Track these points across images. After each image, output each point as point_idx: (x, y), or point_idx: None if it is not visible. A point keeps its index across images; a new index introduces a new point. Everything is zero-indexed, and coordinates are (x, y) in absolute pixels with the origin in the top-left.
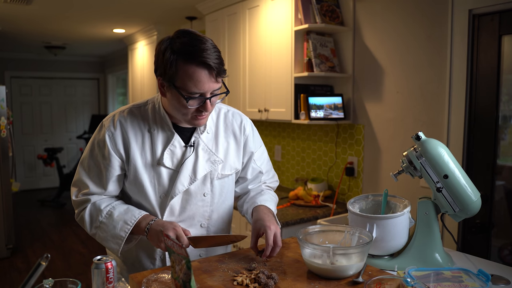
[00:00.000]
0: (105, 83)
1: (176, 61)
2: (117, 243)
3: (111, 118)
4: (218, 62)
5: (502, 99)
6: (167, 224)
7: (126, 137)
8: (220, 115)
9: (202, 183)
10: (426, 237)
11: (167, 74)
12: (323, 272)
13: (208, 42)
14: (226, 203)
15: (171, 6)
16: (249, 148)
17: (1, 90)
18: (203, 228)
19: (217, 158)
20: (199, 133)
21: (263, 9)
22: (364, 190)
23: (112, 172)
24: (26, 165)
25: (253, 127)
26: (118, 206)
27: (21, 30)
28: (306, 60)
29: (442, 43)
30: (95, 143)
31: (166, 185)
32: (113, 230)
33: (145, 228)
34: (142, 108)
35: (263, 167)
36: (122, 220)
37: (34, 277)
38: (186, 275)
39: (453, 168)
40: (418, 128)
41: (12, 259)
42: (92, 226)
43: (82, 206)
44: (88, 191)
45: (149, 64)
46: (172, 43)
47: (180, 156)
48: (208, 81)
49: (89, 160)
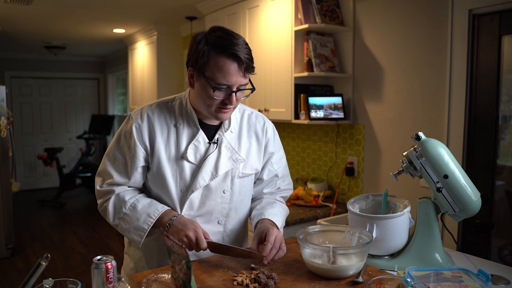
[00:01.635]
0: (105, 83)
1: (208, 52)
2: (140, 235)
3: (139, 111)
4: (248, 58)
5: (502, 99)
6: (189, 223)
7: (152, 130)
8: (244, 116)
9: (222, 180)
10: (426, 237)
11: (198, 64)
12: (323, 272)
13: (240, 38)
14: (244, 202)
15: (171, 6)
16: (269, 150)
17: (1, 90)
18: (220, 225)
19: (239, 157)
20: (223, 131)
21: (263, 9)
22: (364, 190)
23: (137, 163)
24: (26, 165)
25: (274, 130)
26: (142, 199)
27: (21, 30)
28: (306, 60)
29: (442, 43)
30: (121, 134)
31: (188, 179)
32: (136, 222)
33: (167, 223)
34: (170, 103)
35: (280, 171)
36: (146, 213)
37: (34, 277)
38: (186, 275)
39: (453, 168)
40: (418, 128)
41: (12, 259)
42: (115, 217)
43: (106, 197)
44: (112, 181)
45: (149, 64)
46: (207, 36)
47: (204, 152)
48: (236, 74)
49: (114, 151)
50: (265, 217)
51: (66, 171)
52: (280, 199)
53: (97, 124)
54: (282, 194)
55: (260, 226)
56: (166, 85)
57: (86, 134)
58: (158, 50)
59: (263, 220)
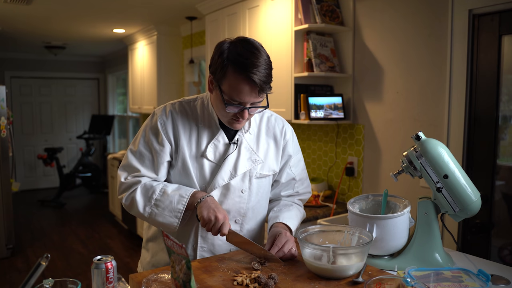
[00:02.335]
0: (105, 83)
1: (227, 67)
2: (176, 216)
3: (162, 108)
4: (265, 80)
5: (502, 99)
6: (220, 208)
7: (176, 127)
8: (263, 118)
9: (241, 180)
10: (426, 237)
11: (216, 75)
12: (323, 272)
13: (262, 58)
14: (261, 203)
15: (171, 6)
16: (287, 152)
17: (1, 90)
18: (238, 224)
19: (257, 158)
20: (243, 132)
21: (263, 9)
22: (364, 190)
23: (164, 158)
24: (26, 165)
25: (293, 133)
26: (170, 184)
27: (21, 30)
28: (306, 60)
29: (442, 43)
30: (147, 129)
31: (208, 178)
32: (170, 205)
33: (200, 198)
34: (192, 103)
35: (297, 174)
36: (178, 194)
37: (34, 277)
38: (186, 275)
39: (453, 168)
40: (418, 128)
41: (12, 259)
42: (146, 205)
43: (132, 188)
44: (140, 174)
45: (149, 64)
46: (229, 49)
47: (223, 151)
48: (249, 95)
49: (139, 146)
50: (279, 220)
51: (66, 171)
52: (298, 202)
53: (97, 124)
54: (300, 197)
55: (274, 229)
56: (166, 85)
57: (86, 134)
58: (158, 50)
59: (277, 224)
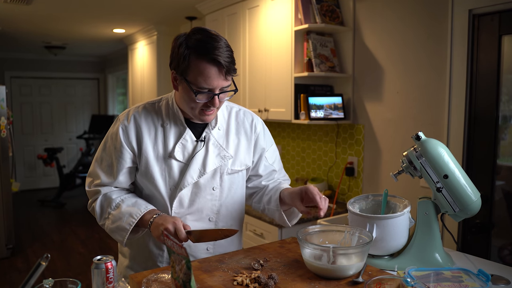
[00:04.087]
0: (105, 83)
1: (189, 56)
2: (122, 235)
3: (126, 113)
4: (229, 61)
5: (502, 99)
6: (168, 218)
7: (139, 131)
8: (232, 113)
9: (211, 177)
10: (426, 237)
11: (180, 68)
12: (323, 272)
13: (221, 41)
14: (235, 199)
15: (171, 6)
16: (260, 146)
17: (1, 90)
18: (212, 222)
19: (227, 154)
20: (210, 129)
21: (263, 9)
22: (364, 190)
23: (123, 164)
24: (26, 165)
25: (264, 126)
26: (128, 199)
27: (21, 30)
28: (306, 60)
29: (442, 43)
30: (109, 136)
31: (177, 178)
32: (119, 222)
33: (149, 221)
34: (156, 104)
35: (276, 165)
36: (129, 213)
37: (34, 277)
38: (186, 275)
39: (453, 168)
40: (418, 128)
41: (12, 259)
42: (101, 217)
43: (94, 197)
44: (100, 182)
45: (149, 64)
46: (187, 39)
47: (191, 150)
48: (217, 78)
49: (102, 152)
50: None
51: (66, 171)
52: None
53: (97, 124)
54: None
55: (291, 191)
56: (166, 85)
57: (86, 134)
58: (158, 50)
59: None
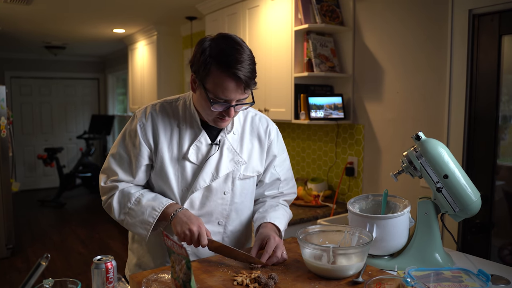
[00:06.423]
0: (105, 83)
1: (210, 65)
2: (146, 229)
3: (143, 110)
4: (249, 76)
5: (502, 99)
6: (193, 218)
7: (156, 130)
8: (248, 118)
9: (223, 182)
10: (426, 237)
11: (199, 74)
12: (323, 272)
13: (245, 53)
14: (245, 204)
15: (171, 6)
16: (272, 152)
17: (1, 90)
18: (221, 226)
19: (240, 159)
20: (226, 133)
21: (263, 9)
22: (364, 190)
23: (141, 161)
24: (26, 165)
25: (278, 133)
26: (146, 193)
27: (21, 30)
28: (306, 60)
29: (442, 43)
30: (126, 133)
31: (189, 179)
32: (142, 216)
33: (171, 214)
34: (173, 104)
35: (282, 174)
36: (151, 206)
37: (34, 277)
38: (186, 275)
39: (453, 168)
40: (418, 128)
41: (12, 259)
42: (120, 212)
43: (110, 193)
44: (117, 178)
45: (149, 64)
46: (211, 46)
47: (205, 152)
48: (235, 92)
49: (119, 149)
50: (267, 220)
51: (66, 171)
52: (283, 203)
53: (97, 124)
54: (285, 198)
55: (262, 231)
56: (166, 85)
57: (86, 134)
58: (158, 50)
59: (265, 224)
